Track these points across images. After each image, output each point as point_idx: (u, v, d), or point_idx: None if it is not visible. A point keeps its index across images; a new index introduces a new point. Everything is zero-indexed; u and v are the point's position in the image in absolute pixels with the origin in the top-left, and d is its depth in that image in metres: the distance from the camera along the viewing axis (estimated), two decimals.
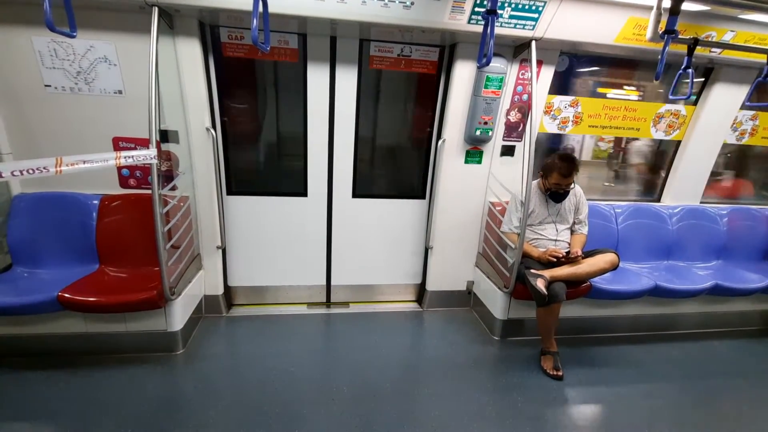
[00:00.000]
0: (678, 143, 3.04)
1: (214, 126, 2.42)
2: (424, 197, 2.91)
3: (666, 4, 1.82)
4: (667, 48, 1.82)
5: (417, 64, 2.56)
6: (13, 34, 2.04)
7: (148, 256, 2.22)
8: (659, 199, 3.23)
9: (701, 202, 3.19)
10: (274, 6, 1.77)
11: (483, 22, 1.89)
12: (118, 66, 2.16)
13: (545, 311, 2.30)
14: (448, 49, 2.53)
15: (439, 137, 2.67)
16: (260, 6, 1.51)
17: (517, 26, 2.16)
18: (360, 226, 2.90)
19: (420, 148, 2.84)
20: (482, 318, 2.88)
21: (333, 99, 2.56)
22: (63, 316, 2.10)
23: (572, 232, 2.61)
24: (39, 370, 2.09)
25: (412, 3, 2.00)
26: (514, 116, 2.62)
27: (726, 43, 2.34)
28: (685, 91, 2.03)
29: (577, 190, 2.56)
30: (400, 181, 3.00)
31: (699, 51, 2.11)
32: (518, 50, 2.44)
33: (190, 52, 2.19)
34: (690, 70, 2.01)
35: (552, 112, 2.75)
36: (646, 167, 3.28)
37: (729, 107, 2.89)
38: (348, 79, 2.53)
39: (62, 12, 1.46)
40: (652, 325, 2.87)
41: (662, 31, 1.83)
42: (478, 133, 2.54)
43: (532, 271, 2.30)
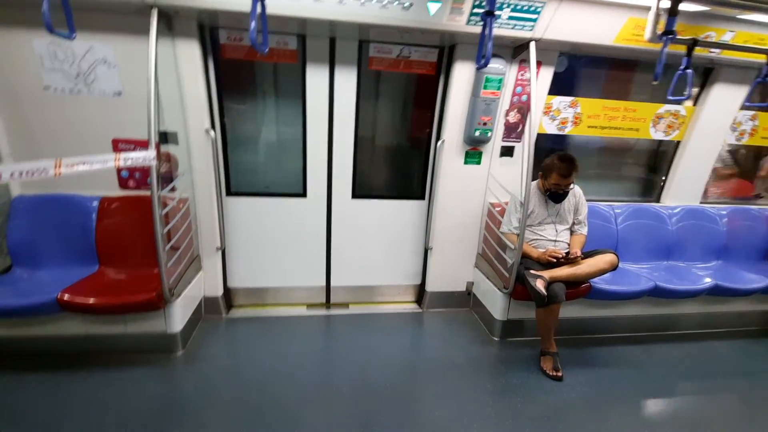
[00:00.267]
0: (677, 143, 3.04)
1: (213, 127, 2.42)
2: (423, 198, 2.91)
3: (664, 4, 1.82)
4: (666, 49, 1.82)
5: (416, 65, 2.56)
6: (13, 36, 2.05)
7: (148, 257, 2.22)
8: (659, 200, 3.23)
9: (701, 202, 3.19)
10: (272, 7, 1.77)
11: (482, 23, 1.89)
12: (117, 67, 2.16)
13: (545, 312, 2.30)
14: (447, 50, 2.53)
15: (438, 138, 2.67)
16: (258, 7, 1.51)
17: (516, 27, 2.16)
18: (359, 227, 2.90)
19: (419, 149, 2.84)
20: (482, 319, 2.88)
21: (332, 100, 2.56)
22: (63, 317, 2.10)
23: (572, 232, 2.61)
24: (39, 371, 2.08)
25: (411, 4, 2.00)
26: (513, 117, 2.62)
27: (725, 43, 2.34)
28: (685, 92, 2.03)
29: (576, 191, 2.56)
30: (399, 181, 3.00)
31: (698, 51, 2.11)
32: (517, 51, 2.43)
33: (189, 54, 2.19)
34: (689, 71, 2.01)
35: (551, 113, 2.75)
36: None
37: (729, 107, 2.89)
38: (347, 80, 2.53)
39: (61, 14, 1.46)
40: (651, 325, 2.87)
41: (661, 32, 1.83)
42: (477, 133, 2.54)
43: (531, 271, 2.30)
